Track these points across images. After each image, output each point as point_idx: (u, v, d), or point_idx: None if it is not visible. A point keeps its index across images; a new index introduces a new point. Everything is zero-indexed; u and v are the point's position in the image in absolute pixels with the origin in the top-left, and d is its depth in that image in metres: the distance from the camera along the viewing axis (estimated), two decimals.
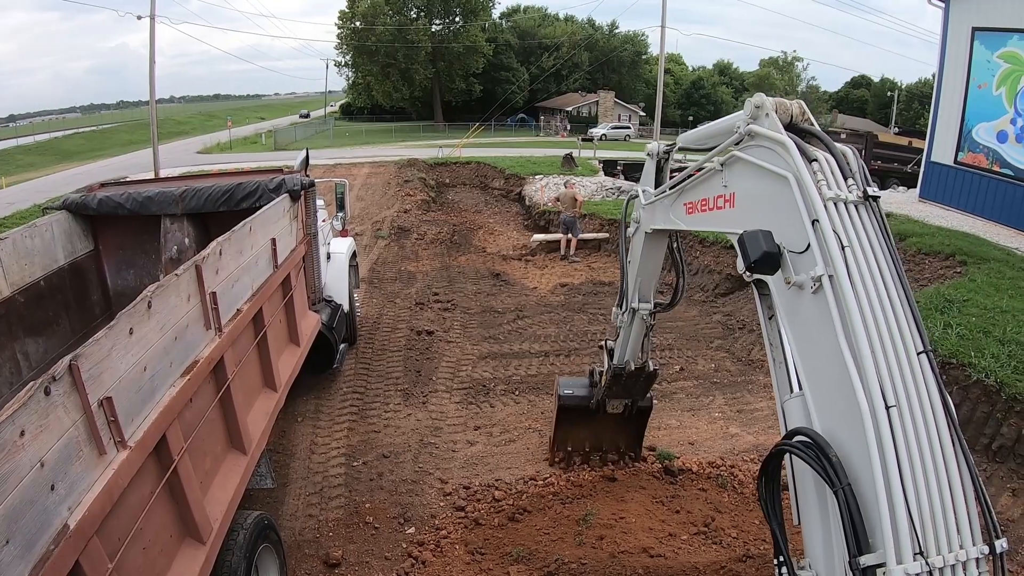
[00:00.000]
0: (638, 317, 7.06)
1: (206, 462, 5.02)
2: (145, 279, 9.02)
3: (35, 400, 3.00)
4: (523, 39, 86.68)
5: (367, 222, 22.03)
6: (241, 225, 6.22)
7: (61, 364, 3.23)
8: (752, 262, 3.99)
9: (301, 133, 67.91)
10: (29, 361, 7.31)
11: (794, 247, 3.91)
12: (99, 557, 3.36)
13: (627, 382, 7.58)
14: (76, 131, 79.59)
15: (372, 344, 12.60)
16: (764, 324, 4.65)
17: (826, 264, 3.68)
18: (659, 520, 7.44)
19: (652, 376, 7.60)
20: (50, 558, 2.96)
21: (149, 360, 4.07)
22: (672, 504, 7.76)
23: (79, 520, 3.20)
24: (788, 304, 4.03)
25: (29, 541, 2.88)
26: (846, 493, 3.29)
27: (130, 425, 3.78)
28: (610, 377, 7.55)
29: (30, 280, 7.51)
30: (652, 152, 6.49)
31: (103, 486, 3.43)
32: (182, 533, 4.48)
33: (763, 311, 4.62)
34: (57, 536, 3.05)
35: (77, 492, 3.27)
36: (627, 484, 8.08)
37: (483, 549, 7.01)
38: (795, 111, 4.32)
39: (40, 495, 2.98)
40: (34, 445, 2.96)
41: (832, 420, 3.64)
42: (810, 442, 3.62)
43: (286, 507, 7.76)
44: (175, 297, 4.56)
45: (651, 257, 6.80)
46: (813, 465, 3.52)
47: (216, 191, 8.64)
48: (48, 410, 3.09)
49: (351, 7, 75.70)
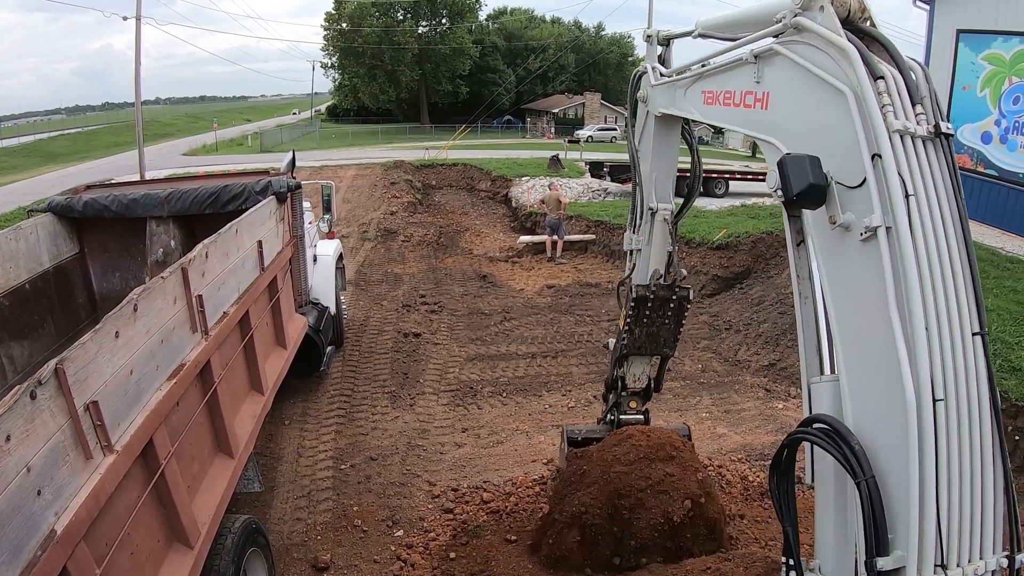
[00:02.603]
0: (658, 222, 5.95)
1: (193, 466, 5.00)
2: (131, 282, 8.98)
3: (21, 404, 2.98)
4: (510, 41, 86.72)
5: (353, 224, 21.97)
6: (227, 227, 6.20)
7: (47, 368, 3.21)
8: (794, 195, 3.33)
9: (287, 135, 67.61)
10: (14, 365, 7.27)
11: (845, 179, 3.31)
12: (86, 563, 3.34)
13: (653, 314, 5.99)
14: (61, 133, 78.93)
15: (359, 347, 12.57)
16: (792, 251, 4.02)
17: (884, 213, 3.10)
18: None
19: (685, 300, 5.99)
20: (37, 564, 2.94)
21: (135, 363, 4.05)
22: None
23: (66, 525, 3.18)
24: (828, 245, 3.48)
25: (16, 547, 2.86)
26: (869, 486, 3.02)
27: (117, 429, 3.76)
28: (632, 307, 5.96)
29: (15, 283, 7.46)
30: (653, 36, 5.77)
31: (90, 491, 3.41)
32: (170, 538, 4.45)
33: (792, 235, 4.00)
34: (44, 542, 3.04)
35: (64, 497, 3.25)
36: None
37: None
38: (853, 5, 3.52)
39: (26, 501, 2.97)
40: (20, 450, 2.94)
41: (866, 402, 3.24)
42: (829, 429, 3.31)
43: (274, 511, 7.73)
44: (161, 300, 4.54)
45: (664, 146, 5.89)
46: (834, 453, 3.23)
47: (202, 193, 8.61)
48: (34, 414, 3.08)
49: (337, 9, 75.51)
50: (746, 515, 7.54)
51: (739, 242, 17.05)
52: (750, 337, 13.29)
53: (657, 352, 6.31)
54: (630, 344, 6.19)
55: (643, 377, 6.50)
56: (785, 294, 14.58)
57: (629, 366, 6.42)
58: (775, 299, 14.48)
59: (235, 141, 66.44)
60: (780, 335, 13.09)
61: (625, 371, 6.47)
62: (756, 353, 12.74)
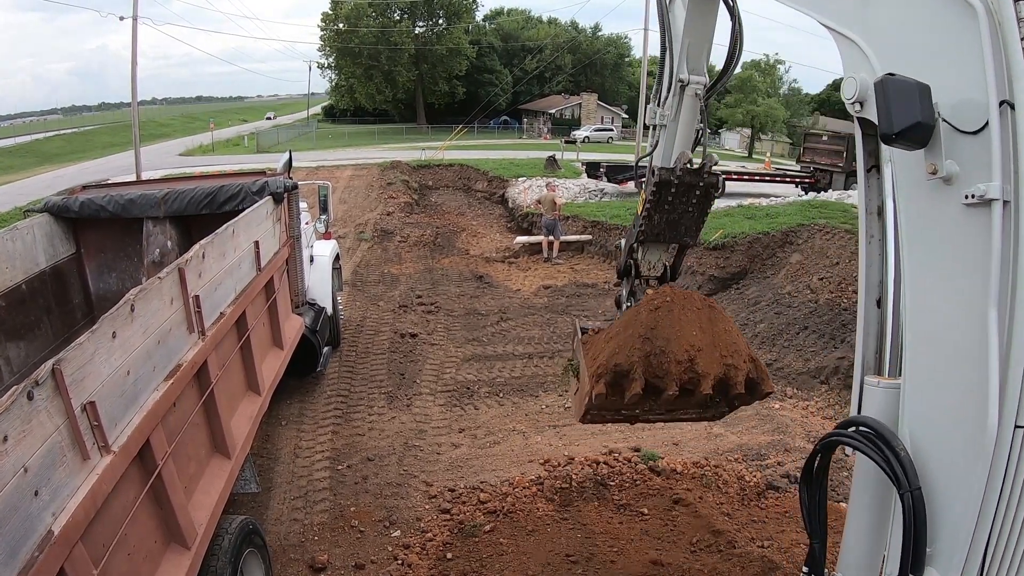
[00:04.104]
0: (688, 96, 5.22)
1: (190, 467, 5.00)
2: (127, 282, 8.98)
3: (18, 405, 2.99)
4: (506, 41, 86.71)
5: (350, 224, 22.00)
6: (224, 228, 6.20)
7: (44, 368, 3.21)
8: (895, 132, 2.63)
9: (284, 135, 67.61)
10: (11, 366, 7.26)
11: (957, 120, 2.61)
12: (84, 563, 3.35)
13: (676, 201, 5.35)
14: (57, 133, 78.96)
15: (356, 347, 12.57)
16: (861, 176, 3.40)
17: (1005, 181, 2.48)
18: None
19: (713, 189, 5.32)
20: (35, 564, 2.95)
21: (132, 364, 4.05)
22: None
23: (63, 526, 3.18)
24: (918, 198, 2.82)
25: (13, 548, 2.87)
26: (914, 498, 2.74)
27: (114, 430, 3.76)
28: (652, 191, 5.29)
29: (11, 284, 7.45)
30: None
31: (87, 491, 3.42)
32: (167, 538, 4.46)
33: (863, 156, 3.36)
34: (41, 542, 3.04)
35: (61, 498, 3.25)
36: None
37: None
38: None
39: (23, 501, 2.97)
40: (17, 451, 2.95)
41: (928, 410, 2.82)
42: (872, 433, 2.99)
43: (271, 511, 7.72)
44: (158, 301, 4.54)
45: (701, 14, 5.09)
46: (876, 459, 2.91)
47: (199, 194, 8.60)
48: (31, 415, 3.08)
49: (334, 9, 75.37)
50: (743, 515, 7.57)
51: (735, 242, 17.11)
52: (746, 337, 13.30)
53: (676, 241, 5.70)
54: (647, 230, 5.58)
55: (659, 265, 5.85)
56: (782, 294, 14.63)
57: (644, 252, 5.82)
58: (771, 299, 14.53)
59: (231, 141, 66.45)
60: (776, 335, 13.14)
61: (640, 257, 5.85)
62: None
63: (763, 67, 70.14)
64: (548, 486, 8.09)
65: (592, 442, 9.15)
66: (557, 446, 9.13)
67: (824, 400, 11.06)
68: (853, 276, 14.08)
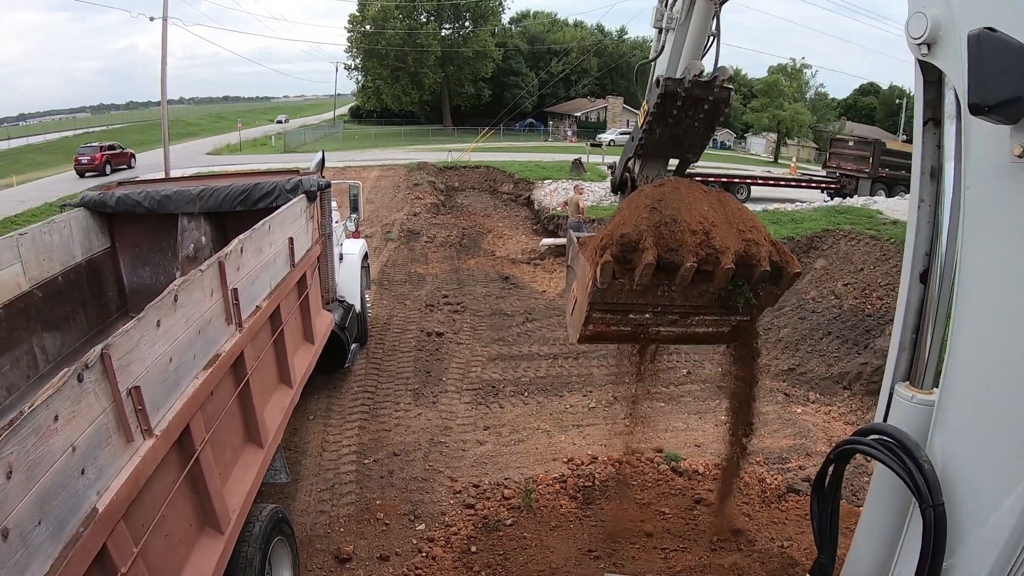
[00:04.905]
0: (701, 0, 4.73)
1: (226, 454, 5.12)
2: (160, 277, 9.17)
3: (69, 386, 3.11)
4: (532, 44, 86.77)
5: (377, 224, 22.16)
6: (261, 224, 6.34)
7: (93, 352, 3.34)
8: (988, 105, 2.19)
9: (311, 136, 68.13)
10: (46, 355, 7.45)
11: None
12: (125, 541, 3.46)
13: (681, 114, 4.83)
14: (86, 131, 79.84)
15: (383, 344, 12.71)
16: (918, 130, 2.96)
17: None
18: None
19: (723, 104, 4.83)
20: (79, 540, 3.06)
21: (174, 352, 4.18)
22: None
23: (107, 504, 3.30)
24: (991, 175, 2.38)
25: (60, 522, 2.98)
26: (936, 515, 2.55)
27: (156, 414, 3.89)
28: (656, 104, 4.76)
29: (48, 275, 7.65)
30: None
31: (130, 472, 3.53)
32: (201, 523, 4.58)
33: (922, 107, 2.90)
34: (86, 519, 3.15)
35: (106, 477, 3.37)
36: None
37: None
38: None
39: (71, 479, 3.08)
40: (67, 430, 3.07)
41: (968, 428, 2.56)
42: (893, 442, 2.79)
43: (298, 503, 7.85)
44: (199, 292, 4.68)
45: None
46: (897, 470, 2.72)
47: (234, 191, 8.77)
48: (80, 396, 3.20)
49: (361, 11, 75.82)
50: (763, 516, 7.61)
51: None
52: (770, 342, 13.31)
53: (678, 156, 5.28)
54: (648, 144, 5.15)
55: (657, 180, 5.25)
56: (806, 300, 14.59)
57: (642, 167, 5.38)
58: (795, 304, 14.49)
59: (259, 141, 67.07)
60: (800, 340, 13.12)
61: (637, 171, 5.41)
62: (776, 358, 12.77)
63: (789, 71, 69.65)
64: (571, 484, 8.18)
65: (616, 443, 9.20)
66: (581, 445, 9.20)
67: (846, 406, 11.03)
68: (878, 282, 14.03)
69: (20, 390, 6.81)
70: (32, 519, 2.79)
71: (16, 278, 7.09)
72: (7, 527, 2.63)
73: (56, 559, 2.92)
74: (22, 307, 7.10)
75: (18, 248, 7.16)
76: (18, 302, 7.05)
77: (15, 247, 7.12)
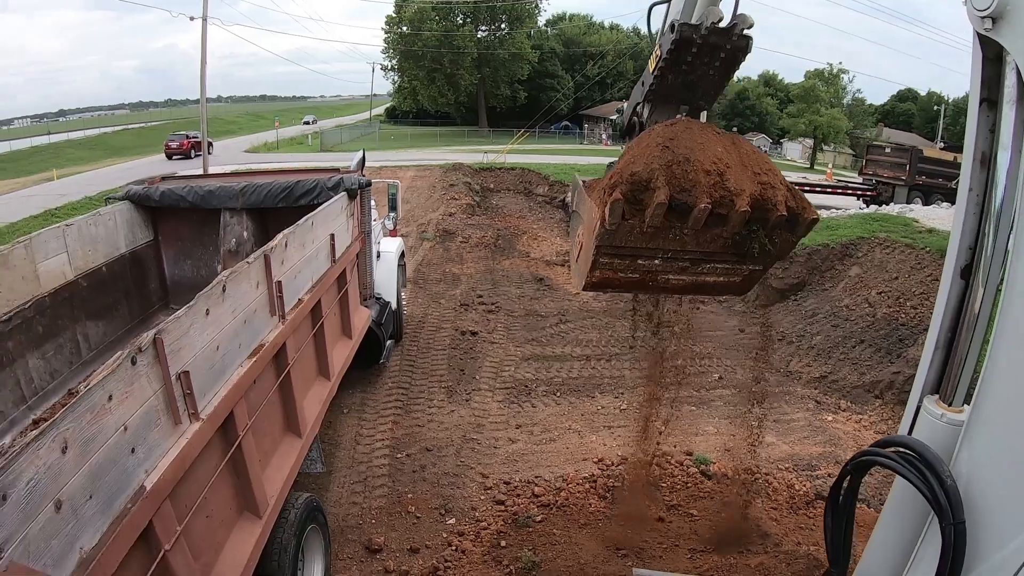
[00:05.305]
0: None
1: (266, 441, 5.26)
2: (202, 270, 9.37)
3: (123, 368, 3.25)
4: (568, 47, 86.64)
5: (412, 224, 22.30)
6: (304, 219, 6.50)
7: (146, 337, 3.47)
8: None
9: (347, 135, 68.70)
10: (89, 343, 7.65)
11: None
12: (170, 519, 3.60)
13: (696, 61, 4.50)
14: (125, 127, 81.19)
15: (417, 342, 12.83)
16: (974, 111, 2.75)
17: None
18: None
19: (742, 52, 4.48)
20: (127, 515, 3.20)
21: (221, 340, 4.32)
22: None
23: (155, 483, 3.44)
24: None
25: (110, 498, 3.12)
26: (957, 532, 2.48)
27: (203, 399, 4.03)
28: (671, 49, 4.41)
29: (93, 266, 7.87)
30: None
31: (177, 454, 3.68)
32: (240, 507, 4.73)
33: (978, 85, 2.72)
34: (134, 496, 3.29)
35: (154, 457, 3.52)
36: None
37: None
38: None
39: (122, 456, 3.23)
40: (119, 410, 3.21)
41: (1000, 450, 2.46)
42: (915, 456, 2.70)
43: (331, 494, 7.99)
44: (246, 283, 4.83)
45: None
46: (919, 486, 2.63)
47: (276, 187, 8.93)
48: (133, 378, 3.34)
49: (398, 12, 76.27)
50: (791, 521, 7.61)
51: (794, 253, 16.94)
52: (802, 349, 13.25)
53: (690, 104, 4.90)
54: (659, 89, 4.79)
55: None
56: (839, 307, 14.48)
57: (652, 112, 5.03)
58: (829, 312, 14.39)
59: (295, 140, 67.76)
60: (832, 348, 13.03)
61: (646, 116, 5.08)
62: (808, 365, 12.70)
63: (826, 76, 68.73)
64: (601, 484, 8.23)
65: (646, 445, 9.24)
66: (611, 446, 9.24)
67: (877, 415, 10.94)
68: (912, 291, 13.87)
69: (63, 376, 7.02)
70: (84, 493, 2.92)
71: (62, 267, 7.29)
72: (60, 499, 2.76)
73: (104, 533, 3.05)
74: (67, 296, 7.30)
75: (64, 238, 7.36)
76: (63, 291, 7.24)
77: (62, 237, 7.33)
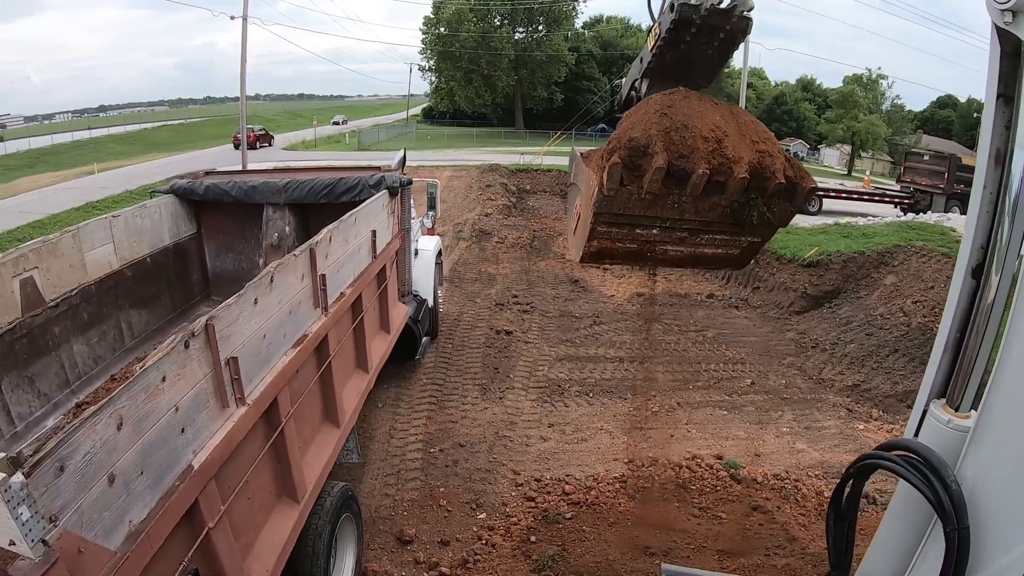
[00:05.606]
0: None
1: (306, 429, 5.41)
2: (243, 263, 9.58)
3: (176, 351, 3.40)
4: (605, 49, 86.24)
5: (448, 224, 22.45)
6: (347, 215, 6.66)
7: (199, 322, 3.63)
8: None
9: (384, 135, 69.19)
10: (132, 331, 7.88)
11: None
12: (214, 499, 3.75)
13: (695, 40, 4.40)
14: (164, 124, 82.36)
15: (452, 340, 12.96)
16: (991, 105, 2.67)
17: None
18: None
19: (741, 33, 4.38)
20: (175, 493, 3.35)
21: (268, 329, 4.48)
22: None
23: (202, 463, 3.59)
24: None
25: (159, 475, 3.27)
26: (961, 538, 2.44)
27: (249, 385, 4.18)
28: (670, 28, 4.32)
29: (137, 256, 8.12)
30: None
31: (223, 436, 3.83)
32: (280, 491, 4.87)
33: (995, 79, 2.64)
34: (183, 474, 3.44)
35: (202, 438, 3.67)
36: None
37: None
38: None
39: (172, 435, 3.38)
40: (172, 391, 3.36)
41: (1010, 448, 2.39)
42: (919, 460, 2.64)
43: (364, 485, 8.12)
44: (292, 275, 4.99)
45: None
46: (923, 490, 2.59)
47: (319, 184, 9.10)
48: (185, 361, 3.49)
49: (436, 13, 76.52)
50: (819, 527, 7.60)
51: (830, 261, 16.89)
52: (835, 356, 13.18)
53: (687, 82, 4.66)
54: (657, 66, 4.72)
55: None
56: (874, 316, 14.37)
57: (650, 87, 4.88)
58: (863, 320, 14.31)
59: (333, 138, 68.36)
60: (866, 356, 12.95)
61: (644, 92, 4.94)
62: (840, 373, 12.63)
63: (865, 82, 67.71)
64: (631, 484, 8.28)
65: (676, 447, 9.28)
66: (642, 448, 9.27)
67: None
68: None
69: (105, 362, 7.25)
70: (136, 469, 3.07)
71: (108, 257, 7.53)
72: (114, 473, 2.90)
73: (153, 508, 3.20)
74: (112, 285, 7.54)
75: (111, 229, 7.60)
76: (109, 279, 7.48)
77: (108, 228, 7.57)
